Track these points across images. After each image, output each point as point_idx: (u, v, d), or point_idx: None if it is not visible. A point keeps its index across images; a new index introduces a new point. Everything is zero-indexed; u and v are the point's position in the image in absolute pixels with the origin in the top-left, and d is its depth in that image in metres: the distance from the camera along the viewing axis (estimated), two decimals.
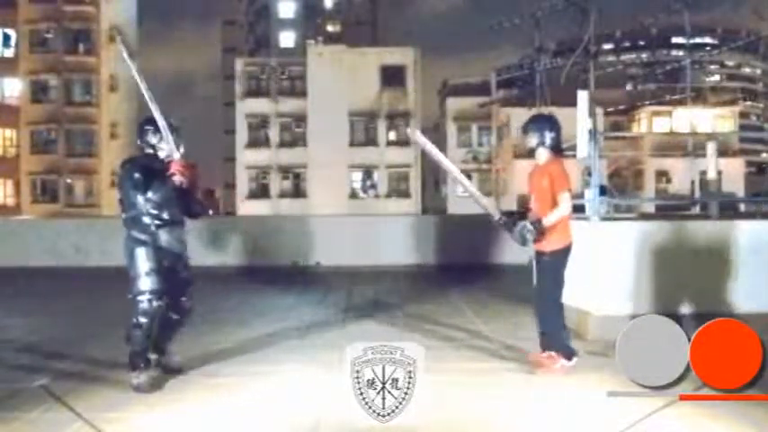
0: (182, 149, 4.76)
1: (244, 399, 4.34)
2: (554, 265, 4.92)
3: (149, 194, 4.50)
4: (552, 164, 4.97)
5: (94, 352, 5.60)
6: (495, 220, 4.97)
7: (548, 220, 4.84)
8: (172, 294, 4.63)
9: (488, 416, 4.00)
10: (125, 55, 4.59)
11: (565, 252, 4.92)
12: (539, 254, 4.99)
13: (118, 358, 4.88)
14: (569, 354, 4.88)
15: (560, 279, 4.95)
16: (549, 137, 5.00)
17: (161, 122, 4.53)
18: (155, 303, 4.47)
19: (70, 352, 5.62)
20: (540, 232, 4.84)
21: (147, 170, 4.54)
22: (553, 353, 4.88)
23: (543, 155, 5.03)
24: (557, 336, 4.90)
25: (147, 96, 4.52)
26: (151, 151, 4.69)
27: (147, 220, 4.55)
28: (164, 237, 4.60)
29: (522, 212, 5.14)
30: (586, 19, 24.58)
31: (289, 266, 12.08)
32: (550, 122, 5.16)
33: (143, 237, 4.56)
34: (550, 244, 4.89)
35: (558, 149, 5.05)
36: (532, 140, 5.04)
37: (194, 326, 6.60)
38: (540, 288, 5.05)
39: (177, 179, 4.45)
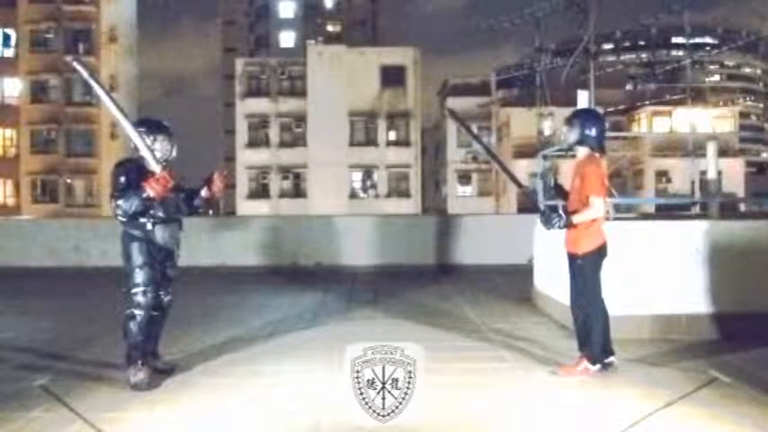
0: (174, 152, 4.85)
1: (244, 398, 4.34)
2: (587, 267, 4.80)
3: (120, 200, 4.52)
4: (588, 165, 4.84)
5: (94, 352, 5.60)
6: (522, 189, 4.98)
7: (576, 219, 4.79)
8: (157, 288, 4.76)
9: (488, 416, 4.00)
10: (85, 76, 4.47)
11: (598, 253, 4.81)
12: (572, 257, 4.90)
13: (117, 358, 4.88)
14: (595, 358, 4.78)
15: (595, 281, 4.81)
16: (588, 134, 4.85)
17: (136, 139, 4.57)
18: (149, 295, 4.61)
19: (70, 352, 5.62)
20: (567, 225, 4.80)
21: (137, 173, 4.58)
22: (584, 356, 4.81)
23: (580, 152, 4.92)
24: (589, 338, 4.80)
25: (115, 114, 4.52)
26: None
27: (142, 218, 4.62)
28: (159, 233, 4.69)
29: (563, 194, 5.09)
30: (586, 19, 24.56)
31: (289, 266, 12.08)
32: (593, 118, 4.99)
33: (138, 233, 4.66)
34: (582, 247, 4.80)
35: (599, 148, 4.90)
36: (572, 136, 4.90)
37: (194, 325, 6.63)
38: (576, 291, 4.92)
39: (150, 192, 4.49)
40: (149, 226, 4.65)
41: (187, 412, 4.10)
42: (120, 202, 4.52)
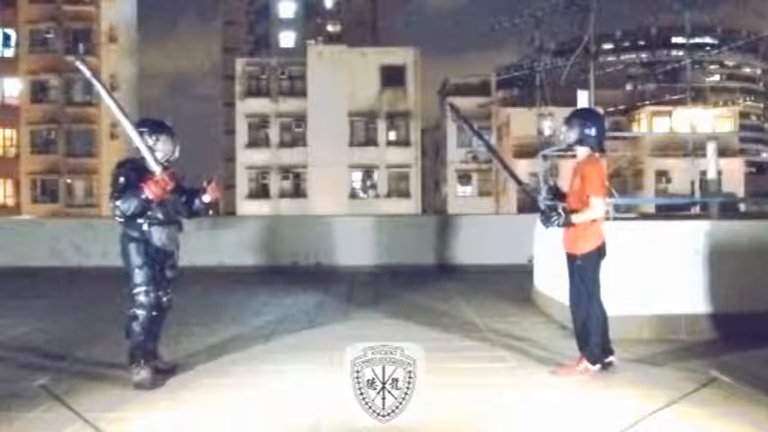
0: (176, 153, 4.84)
1: (244, 398, 4.34)
2: (587, 268, 4.79)
3: (118, 201, 4.50)
4: (588, 164, 4.82)
5: (94, 352, 5.60)
6: (522, 186, 4.97)
7: (575, 218, 4.77)
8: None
9: (488, 416, 4.00)
10: (88, 75, 4.46)
11: (597, 254, 4.79)
12: (571, 257, 4.87)
13: (118, 358, 4.89)
14: (595, 359, 4.77)
15: (594, 281, 4.79)
16: (588, 133, 4.81)
17: (136, 140, 4.56)
18: (151, 295, 4.61)
19: (70, 352, 5.62)
20: (566, 224, 4.78)
21: (137, 174, 4.57)
22: (584, 356, 4.80)
23: (581, 152, 4.89)
24: (588, 338, 4.79)
25: (116, 113, 4.52)
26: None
27: (139, 219, 4.61)
28: (156, 235, 4.68)
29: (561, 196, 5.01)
30: (586, 19, 24.57)
31: (288, 266, 12.07)
32: (593, 118, 4.96)
33: (136, 234, 4.65)
34: (581, 247, 4.78)
35: (599, 147, 4.87)
36: (571, 136, 4.85)
37: (194, 325, 6.63)
38: (575, 291, 4.90)
39: (148, 193, 4.48)
40: (146, 227, 4.63)
41: (187, 412, 4.10)
42: (118, 202, 4.52)
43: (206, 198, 4.89)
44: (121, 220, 4.61)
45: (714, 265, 6.04)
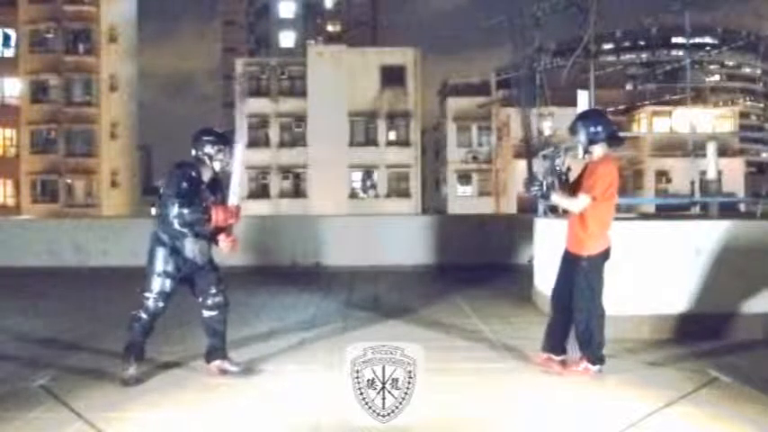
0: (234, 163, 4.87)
1: (244, 399, 4.34)
2: (591, 270, 4.77)
3: (185, 209, 4.49)
4: (602, 164, 4.77)
5: (95, 352, 5.60)
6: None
7: (555, 197, 4.81)
8: (201, 293, 4.79)
9: (488, 416, 4.00)
10: (239, 101, 4.58)
11: (602, 257, 4.79)
12: (576, 257, 4.83)
13: (118, 358, 4.88)
14: (596, 359, 4.77)
15: (598, 283, 4.78)
16: (595, 130, 4.77)
17: (237, 176, 4.63)
18: (159, 304, 4.61)
19: (70, 352, 5.62)
20: (544, 197, 4.83)
21: (195, 182, 4.59)
22: (584, 357, 4.80)
23: (597, 151, 4.82)
24: (591, 339, 4.78)
25: (240, 137, 4.57)
26: (207, 161, 4.73)
27: (177, 226, 4.57)
28: (189, 246, 4.66)
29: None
30: (586, 19, 24.57)
31: (288, 266, 12.07)
32: (594, 115, 4.96)
33: (168, 239, 4.63)
34: (587, 249, 4.76)
35: (613, 140, 4.84)
36: (581, 139, 4.80)
37: (194, 325, 6.61)
38: (577, 292, 4.83)
39: (214, 216, 4.53)
40: (181, 236, 4.61)
41: (187, 412, 4.10)
42: (185, 211, 4.47)
43: (220, 245, 4.81)
44: (181, 228, 4.55)
45: (714, 264, 6.04)
